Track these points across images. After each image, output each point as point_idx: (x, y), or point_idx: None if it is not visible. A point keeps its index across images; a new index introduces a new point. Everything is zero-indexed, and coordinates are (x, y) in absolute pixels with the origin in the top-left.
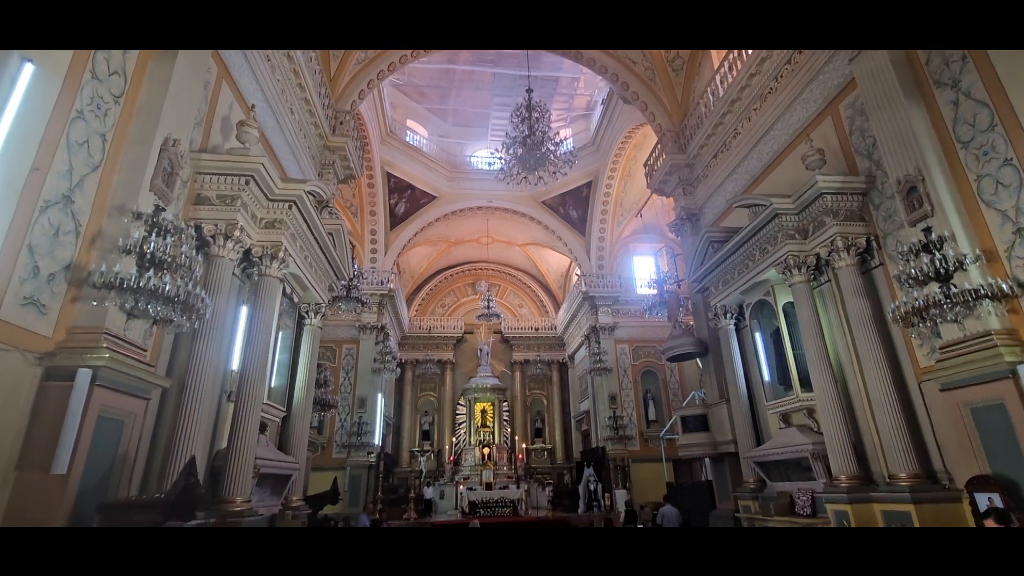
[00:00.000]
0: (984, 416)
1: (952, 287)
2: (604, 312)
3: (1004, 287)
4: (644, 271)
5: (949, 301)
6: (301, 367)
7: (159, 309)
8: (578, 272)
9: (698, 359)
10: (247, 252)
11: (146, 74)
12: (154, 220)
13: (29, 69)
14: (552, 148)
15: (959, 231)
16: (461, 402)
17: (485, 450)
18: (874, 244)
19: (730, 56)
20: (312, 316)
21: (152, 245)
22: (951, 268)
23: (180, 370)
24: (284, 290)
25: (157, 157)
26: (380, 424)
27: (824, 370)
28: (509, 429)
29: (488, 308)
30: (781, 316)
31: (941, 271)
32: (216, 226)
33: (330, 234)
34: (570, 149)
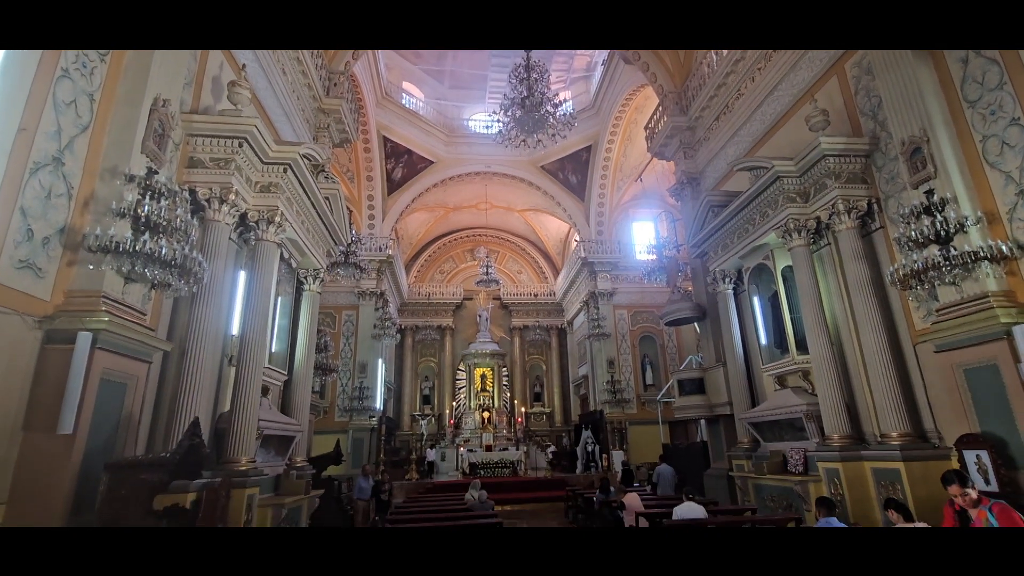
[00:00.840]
0: (977, 377)
1: (952, 249)
2: (603, 278)
3: (1004, 249)
4: (643, 237)
5: (948, 264)
6: (301, 332)
7: (156, 273)
8: (577, 238)
9: (696, 324)
10: (243, 216)
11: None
12: (147, 183)
13: None
14: (551, 110)
15: (961, 193)
16: (461, 367)
17: (485, 414)
18: (875, 207)
19: None
20: (311, 282)
21: (146, 208)
22: (951, 230)
23: (180, 334)
24: (282, 255)
25: (147, 118)
26: (381, 389)
27: (821, 333)
28: (508, 394)
29: (487, 274)
30: (780, 280)
31: (941, 233)
32: (211, 190)
33: (327, 199)
34: (570, 110)
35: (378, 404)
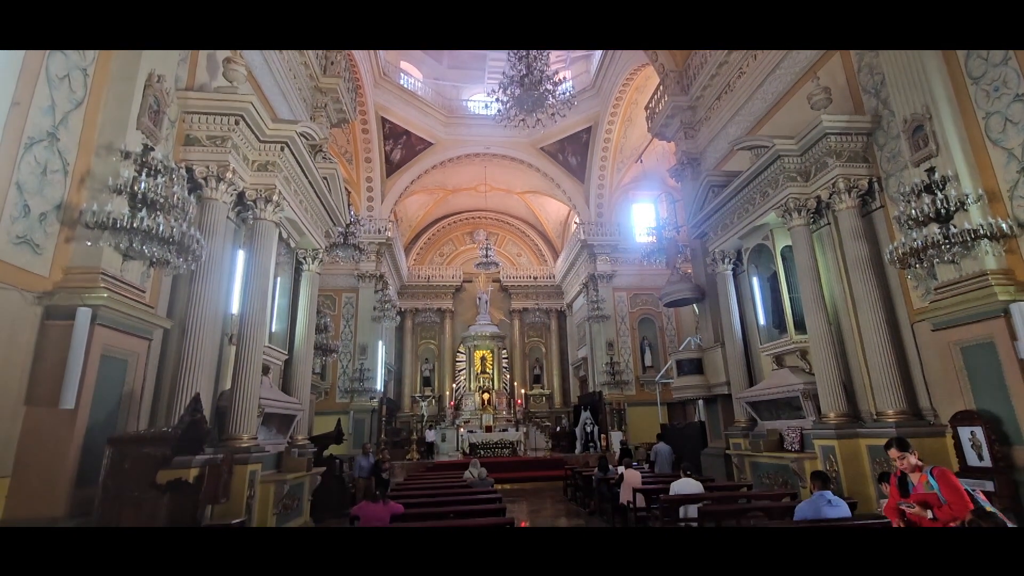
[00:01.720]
0: (973, 354)
1: (951, 227)
2: (603, 260)
3: (1004, 227)
4: (643, 219)
5: (948, 242)
6: (301, 312)
7: (154, 250)
8: (577, 221)
9: (695, 305)
10: (241, 195)
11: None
12: (143, 159)
13: None
14: (551, 88)
15: (963, 171)
16: (461, 349)
17: (485, 396)
18: (876, 186)
19: None
20: (310, 262)
21: (143, 185)
22: (952, 208)
23: (180, 311)
24: (280, 235)
25: (142, 94)
26: (381, 371)
27: (819, 312)
28: (508, 375)
29: (487, 257)
30: (779, 260)
31: (942, 211)
32: (208, 168)
33: (325, 178)
34: (570, 90)
35: (379, 386)
